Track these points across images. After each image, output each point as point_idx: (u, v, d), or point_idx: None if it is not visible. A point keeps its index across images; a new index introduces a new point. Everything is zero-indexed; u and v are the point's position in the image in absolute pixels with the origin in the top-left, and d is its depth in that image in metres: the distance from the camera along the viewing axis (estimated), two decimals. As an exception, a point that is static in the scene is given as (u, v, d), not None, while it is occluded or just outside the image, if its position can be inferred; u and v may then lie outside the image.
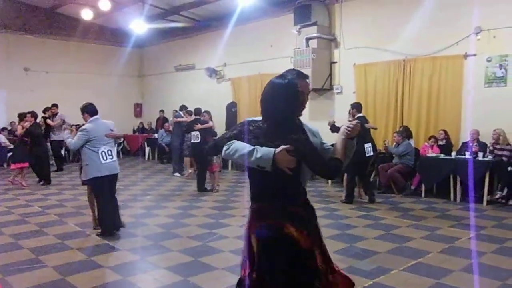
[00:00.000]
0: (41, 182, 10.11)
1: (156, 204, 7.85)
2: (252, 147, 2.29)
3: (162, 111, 15.21)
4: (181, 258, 4.95)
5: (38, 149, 9.95)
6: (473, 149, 7.96)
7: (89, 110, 5.81)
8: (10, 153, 13.31)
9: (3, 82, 14.22)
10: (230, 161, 12.68)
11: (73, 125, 9.25)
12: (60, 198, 8.39)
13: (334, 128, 7.77)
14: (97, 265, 4.75)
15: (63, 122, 11.32)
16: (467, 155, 7.95)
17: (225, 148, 2.38)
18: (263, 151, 2.26)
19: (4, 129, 13.89)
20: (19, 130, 9.96)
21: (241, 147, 2.33)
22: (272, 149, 2.25)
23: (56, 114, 12.10)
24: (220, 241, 5.57)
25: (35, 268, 4.61)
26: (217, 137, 2.37)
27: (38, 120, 10.56)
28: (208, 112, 9.93)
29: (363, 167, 8.01)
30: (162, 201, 8.13)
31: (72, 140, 5.64)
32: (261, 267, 2.34)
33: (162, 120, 15.13)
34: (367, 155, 7.79)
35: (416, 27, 9.23)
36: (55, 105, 12.14)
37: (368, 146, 7.78)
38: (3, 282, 4.18)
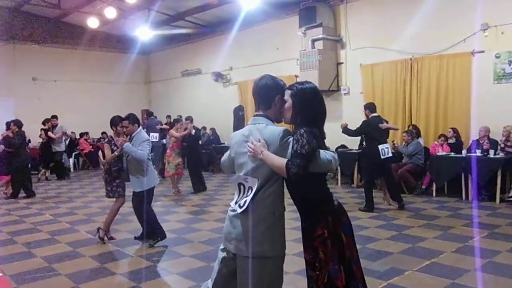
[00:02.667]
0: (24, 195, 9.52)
1: (166, 210, 7.86)
2: (332, 152, 2.46)
3: (169, 116, 15.24)
4: (193, 263, 4.94)
5: (16, 160, 9.29)
6: (484, 147, 7.89)
7: (138, 121, 5.71)
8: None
9: (11, 92, 14.36)
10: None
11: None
12: (71, 206, 8.43)
13: (346, 130, 7.66)
14: (110, 272, 4.76)
15: (64, 134, 11.34)
16: (478, 152, 7.88)
17: (329, 159, 2.39)
18: (335, 155, 2.45)
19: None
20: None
21: (329, 154, 2.42)
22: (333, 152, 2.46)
23: (56, 125, 11.99)
24: (231, 246, 5.55)
25: (49, 276, 4.62)
26: (298, 150, 2.28)
27: (38, 133, 10.31)
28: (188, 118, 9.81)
29: (379, 169, 7.43)
30: (173, 207, 8.14)
31: (142, 151, 5.38)
32: (350, 260, 2.46)
33: (169, 126, 15.15)
34: (382, 156, 7.20)
35: (422, 25, 9.20)
36: (54, 117, 12.03)
37: (384, 147, 7.26)
38: (17, 291, 4.20)
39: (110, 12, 12.28)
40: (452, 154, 8.36)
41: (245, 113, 13.68)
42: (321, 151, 2.37)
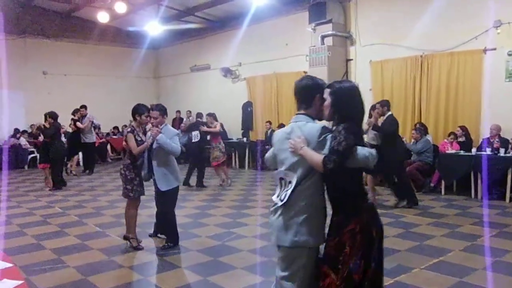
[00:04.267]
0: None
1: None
2: (371, 149, 2.52)
3: (178, 111, 15.30)
4: (200, 257, 4.96)
5: (52, 151, 9.53)
6: (495, 145, 7.81)
7: (167, 112, 5.31)
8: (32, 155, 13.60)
9: (22, 85, 14.46)
10: (246, 160, 12.71)
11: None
12: (80, 199, 8.50)
13: (378, 128, 7.32)
14: (117, 265, 4.80)
15: (92, 123, 11.31)
16: (488, 151, 7.81)
17: (366, 155, 2.45)
18: (372, 151, 2.51)
19: (24, 132, 14.12)
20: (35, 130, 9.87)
21: (366, 150, 2.48)
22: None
23: (85, 115, 11.81)
24: (238, 241, 5.57)
25: (58, 268, 4.67)
26: (335, 147, 2.38)
27: (67, 122, 10.34)
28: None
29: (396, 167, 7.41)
30: (180, 201, 8.08)
31: (176, 145, 5.06)
32: (379, 256, 2.57)
33: (178, 121, 15.21)
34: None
35: (433, 22, 9.11)
36: (83, 107, 11.85)
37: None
38: (27, 282, 4.24)
39: (120, 7, 12.31)
40: (462, 152, 8.29)
41: (254, 109, 13.69)
42: (359, 147, 2.44)
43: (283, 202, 2.54)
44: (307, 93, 2.62)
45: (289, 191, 2.52)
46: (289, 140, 2.54)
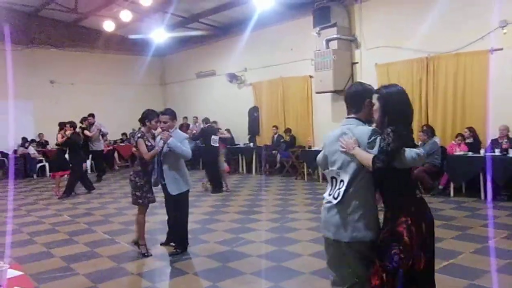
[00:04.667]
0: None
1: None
2: (419, 150, 2.65)
3: (185, 117, 15.35)
4: (209, 263, 4.96)
5: (73, 159, 9.88)
6: (503, 146, 7.75)
7: (176, 116, 5.35)
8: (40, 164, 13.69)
9: (30, 94, 14.63)
10: (254, 166, 12.71)
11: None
12: (88, 207, 8.54)
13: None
14: (127, 272, 4.81)
15: (100, 131, 11.41)
16: (497, 152, 7.75)
17: (414, 156, 2.58)
18: (420, 152, 2.65)
19: (33, 141, 14.23)
20: (59, 139, 10.01)
21: (413, 152, 2.62)
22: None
23: (93, 124, 11.91)
24: (247, 246, 5.57)
25: (67, 276, 4.69)
26: (384, 147, 2.56)
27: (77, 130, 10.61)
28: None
29: None
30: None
31: (187, 149, 5.10)
32: (430, 249, 2.69)
33: (185, 127, 15.24)
34: None
35: (438, 23, 9.09)
36: (91, 115, 11.96)
37: None
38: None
39: (126, 15, 12.41)
40: (470, 153, 8.23)
41: (260, 114, 13.70)
42: (407, 149, 2.58)
43: (337, 200, 2.70)
44: (357, 98, 2.80)
45: (342, 190, 2.68)
46: (340, 140, 2.72)
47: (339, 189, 2.70)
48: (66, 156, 10.32)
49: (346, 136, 2.70)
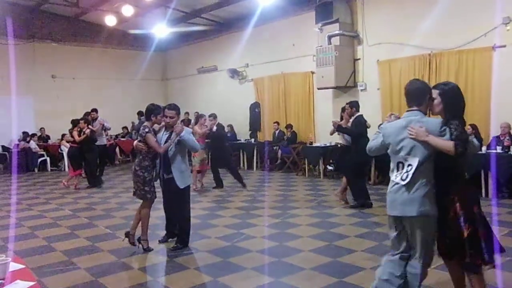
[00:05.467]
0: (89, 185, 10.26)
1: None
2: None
3: (187, 113, 15.34)
4: (210, 258, 4.97)
5: (89, 154, 10.10)
6: (505, 143, 7.74)
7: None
8: (42, 159, 13.67)
9: (31, 89, 14.64)
10: (255, 162, 12.71)
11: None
12: (89, 202, 8.55)
13: (342, 129, 7.34)
14: (127, 266, 4.82)
15: (103, 126, 11.42)
16: (498, 149, 7.73)
17: (477, 144, 3.34)
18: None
19: (34, 135, 14.24)
20: (76, 137, 10.04)
21: (475, 140, 3.29)
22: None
23: (96, 119, 11.64)
24: (247, 241, 5.57)
25: (69, 270, 4.70)
26: (459, 136, 3.01)
27: (57, 130, 10.72)
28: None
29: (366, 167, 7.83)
30: (189, 203, 8.18)
31: (196, 142, 5.33)
32: (476, 222, 3.09)
33: (187, 122, 15.23)
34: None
35: (441, 19, 9.06)
36: (94, 110, 11.69)
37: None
38: (39, 283, 4.27)
39: (127, 10, 12.40)
40: (472, 151, 8.20)
41: (261, 110, 13.69)
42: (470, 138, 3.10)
43: (405, 181, 3.06)
44: (420, 93, 3.16)
45: (411, 172, 3.05)
46: (408, 129, 3.06)
47: (407, 171, 3.07)
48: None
49: (415, 126, 3.04)
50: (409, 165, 3.07)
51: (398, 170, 3.14)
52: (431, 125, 3.07)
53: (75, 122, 10.20)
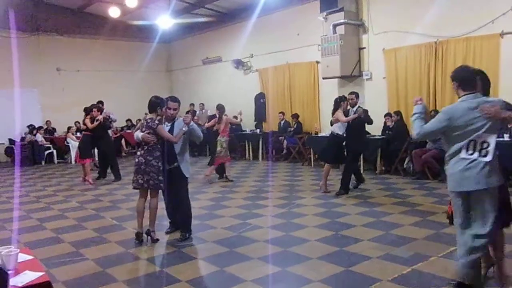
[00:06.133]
0: (100, 178, 10.23)
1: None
2: None
3: (192, 104, 15.34)
4: (216, 249, 4.99)
5: (104, 145, 10.08)
6: (512, 131, 7.67)
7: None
8: (48, 151, 13.76)
9: (36, 82, 14.67)
10: (260, 152, 12.72)
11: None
12: (96, 193, 8.61)
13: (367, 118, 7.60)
14: (135, 257, 4.86)
15: (109, 118, 11.45)
16: (506, 137, 7.67)
17: None
18: None
19: (40, 128, 14.31)
20: (89, 124, 10.00)
21: None
22: None
23: (102, 111, 12.07)
24: (254, 231, 5.59)
25: (76, 261, 4.75)
26: None
27: (82, 117, 10.56)
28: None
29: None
30: (195, 194, 8.20)
31: (201, 132, 5.46)
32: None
33: (192, 113, 15.22)
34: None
35: (447, 6, 8.95)
36: (100, 102, 11.76)
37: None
38: (47, 274, 4.31)
39: (131, 2, 12.34)
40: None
41: (266, 100, 13.65)
42: None
43: (487, 158, 3.30)
44: (471, 79, 3.47)
45: (490, 148, 3.29)
46: (482, 109, 3.27)
47: (486, 148, 3.30)
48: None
49: (487, 105, 3.26)
50: (484, 142, 3.29)
51: (469, 149, 3.35)
52: (497, 103, 3.33)
53: (87, 110, 10.17)
